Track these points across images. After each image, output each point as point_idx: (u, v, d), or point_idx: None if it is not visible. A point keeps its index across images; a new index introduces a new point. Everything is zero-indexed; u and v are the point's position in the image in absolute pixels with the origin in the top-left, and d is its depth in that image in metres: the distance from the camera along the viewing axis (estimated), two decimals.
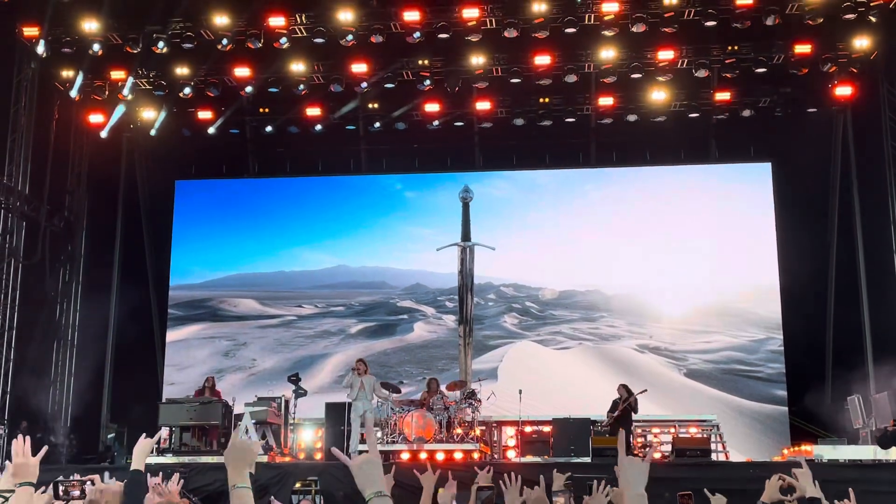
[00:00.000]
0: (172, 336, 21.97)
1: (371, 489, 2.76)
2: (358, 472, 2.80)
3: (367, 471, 2.79)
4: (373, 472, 2.80)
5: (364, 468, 2.80)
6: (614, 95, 19.83)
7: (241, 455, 2.92)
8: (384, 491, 2.77)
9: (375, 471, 2.80)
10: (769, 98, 19.87)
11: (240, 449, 3.10)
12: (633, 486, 2.98)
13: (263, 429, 16.09)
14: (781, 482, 5.55)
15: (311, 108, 20.43)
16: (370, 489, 2.76)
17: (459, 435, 15.98)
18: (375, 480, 2.78)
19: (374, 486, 2.77)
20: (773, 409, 19.82)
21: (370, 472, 2.79)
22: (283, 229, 22.44)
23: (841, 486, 5.39)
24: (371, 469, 2.80)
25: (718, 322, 20.69)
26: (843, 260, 19.72)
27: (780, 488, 5.53)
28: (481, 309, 21.59)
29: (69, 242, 20.49)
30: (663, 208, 21.10)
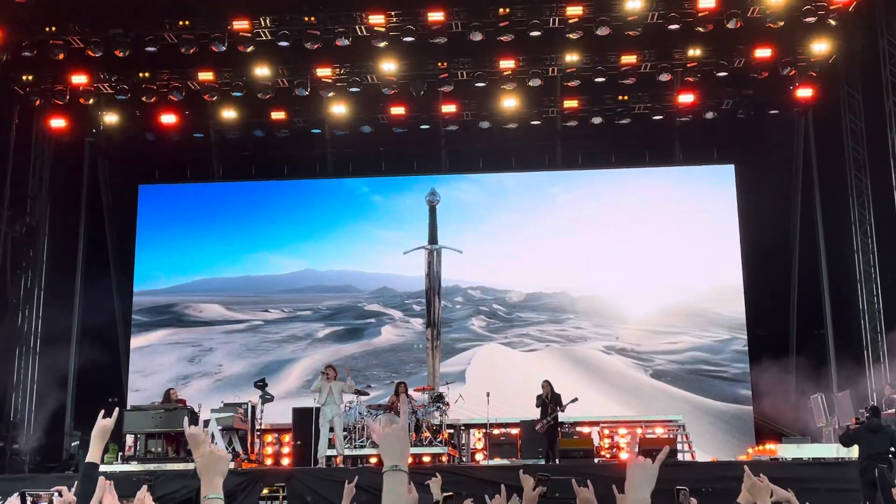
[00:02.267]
0: (137, 342, 21.75)
1: (391, 461, 2.81)
2: (384, 442, 2.84)
3: (393, 442, 2.82)
4: (397, 444, 2.82)
5: (390, 439, 2.83)
6: (579, 98, 19.94)
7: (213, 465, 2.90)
8: (401, 466, 2.79)
9: (399, 444, 2.82)
10: (731, 101, 20.10)
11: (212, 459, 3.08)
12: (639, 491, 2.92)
13: (230, 435, 15.98)
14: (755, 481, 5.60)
15: (275, 112, 20.35)
16: (389, 461, 2.81)
17: (428, 438, 15.99)
18: (397, 453, 2.81)
19: (392, 458, 2.81)
20: (737, 408, 20.02)
21: (395, 444, 2.82)
22: (248, 233, 22.30)
23: (804, 484, 5.45)
24: (394, 441, 2.82)
25: (683, 323, 20.86)
26: (805, 260, 19.98)
27: None
28: (449, 312, 21.60)
29: (31, 248, 20.24)
30: (629, 210, 21.24)
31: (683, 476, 13.21)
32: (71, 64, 18.88)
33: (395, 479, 2.79)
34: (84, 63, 18.92)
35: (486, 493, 5.89)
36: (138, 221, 22.04)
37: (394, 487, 2.79)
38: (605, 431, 18.25)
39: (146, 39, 18.11)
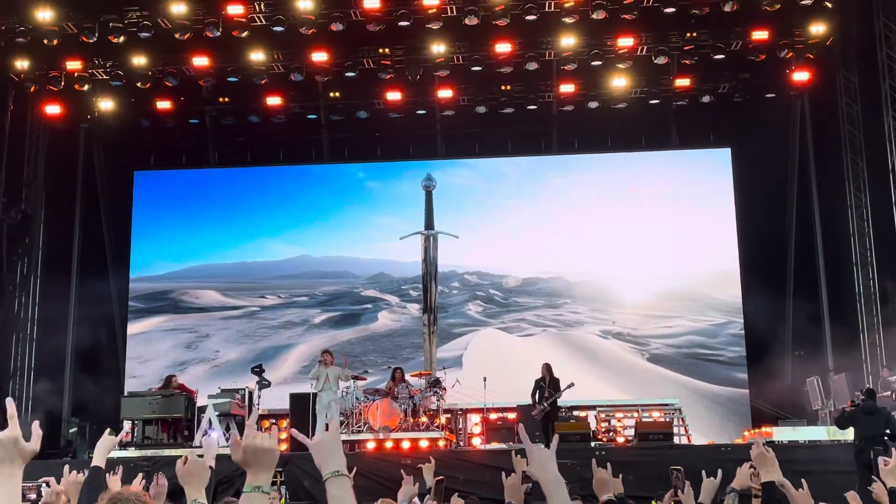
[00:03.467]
0: (134, 329, 21.76)
1: (329, 468, 2.72)
2: (316, 451, 2.74)
3: (325, 449, 2.74)
4: (331, 450, 2.74)
5: (322, 446, 2.74)
6: (575, 82, 19.89)
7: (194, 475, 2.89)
8: (342, 470, 2.72)
9: (334, 449, 2.74)
10: (728, 84, 20.07)
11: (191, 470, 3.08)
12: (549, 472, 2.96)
13: (227, 420, 16.00)
14: (753, 470, 5.64)
15: (271, 98, 20.29)
16: (328, 468, 2.72)
17: (425, 423, 16.02)
18: (334, 459, 2.73)
19: (331, 464, 2.72)
20: (734, 391, 20.08)
21: (328, 450, 2.74)
22: (244, 219, 22.28)
23: (800, 466, 5.48)
24: (329, 447, 2.74)
25: (680, 307, 20.89)
26: (801, 243, 19.99)
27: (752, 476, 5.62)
28: (445, 297, 21.61)
29: (27, 235, 20.20)
30: (625, 195, 21.24)
31: (679, 459, 13.27)
32: (65, 50, 18.79)
33: (339, 485, 2.71)
34: (78, 49, 18.84)
35: (483, 476, 5.92)
36: (134, 208, 22.02)
37: (341, 494, 2.70)
38: (602, 415, 18.28)
39: (140, 25, 18.02)
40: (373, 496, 7.64)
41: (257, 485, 2.72)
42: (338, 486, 2.70)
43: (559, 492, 2.94)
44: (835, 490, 7.79)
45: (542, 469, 2.96)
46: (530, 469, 2.97)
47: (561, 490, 2.94)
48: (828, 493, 6.45)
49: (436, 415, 16.42)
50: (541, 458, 2.99)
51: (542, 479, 2.95)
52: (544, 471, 2.96)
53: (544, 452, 3.00)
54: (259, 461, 2.74)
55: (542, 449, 3.02)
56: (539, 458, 2.98)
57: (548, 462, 2.98)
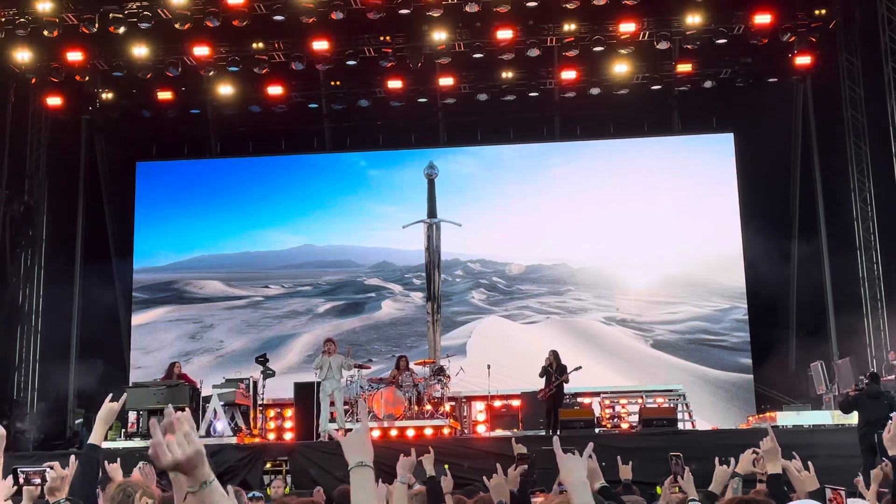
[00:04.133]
0: (138, 320, 21.80)
1: (354, 459, 2.86)
2: (345, 445, 2.89)
3: (353, 442, 2.88)
4: (357, 443, 2.88)
5: (350, 440, 2.89)
6: (577, 69, 19.82)
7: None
8: (367, 461, 2.85)
9: (361, 442, 2.88)
10: (730, 69, 19.98)
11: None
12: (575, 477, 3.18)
13: (232, 410, 16.05)
14: (755, 456, 5.64)
15: (272, 87, 20.25)
16: (353, 459, 2.86)
17: (429, 411, 16.05)
18: (360, 451, 2.86)
19: (357, 456, 2.86)
20: (738, 377, 20.08)
21: (355, 443, 2.88)
22: (247, 209, 22.28)
23: (804, 450, 5.47)
24: (356, 441, 2.88)
25: (684, 293, 20.89)
26: (805, 228, 19.95)
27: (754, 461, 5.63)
28: (449, 285, 21.61)
29: (30, 227, 20.21)
30: (627, 180, 21.19)
31: (684, 445, 13.29)
32: (66, 41, 18.74)
33: (361, 476, 2.85)
34: (79, 40, 18.79)
35: (488, 464, 5.93)
36: (136, 198, 22.03)
37: (361, 484, 2.84)
38: (606, 402, 18.31)
39: (140, 15, 17.98)
40: None
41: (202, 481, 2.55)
42: (361, 475, 2.85)
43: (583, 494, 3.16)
44: (839, 474, 7.80)
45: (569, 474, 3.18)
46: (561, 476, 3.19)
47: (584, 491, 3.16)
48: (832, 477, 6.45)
49: (440, 403, 16.44)
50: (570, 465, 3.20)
51: (569, 482, 3.18)
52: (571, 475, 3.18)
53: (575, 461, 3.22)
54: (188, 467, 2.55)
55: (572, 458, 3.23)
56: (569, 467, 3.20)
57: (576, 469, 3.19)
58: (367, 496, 2.85)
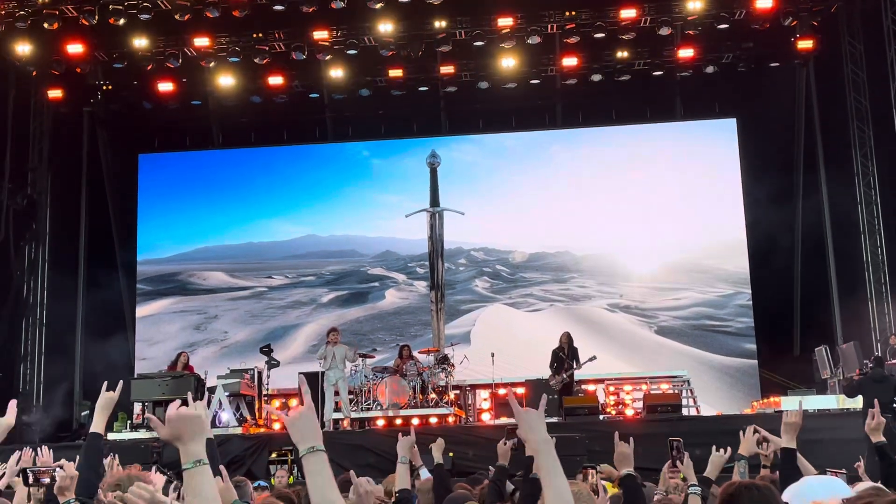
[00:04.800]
0: (142, 311, 21.84)
1: (305, 444, 2.71)
2: (292, 428, 2.73)
3: (300, 425, 2.73)
4: (306, 426, 2.73)
5: (297, 423, 2.73)
6: (578, 56, 19.76)
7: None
8: (318, 445, 2.70)
9: (309, 424, 2.73)
10: (732, 54, 19.90)
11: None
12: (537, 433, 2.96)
13: (237, 401, 16.08)
14: (757, 434, 5.62)
15: (273, 77, 20.21)
16: (304, 444, 2.71)
17: (433, 400, 16.07)
18: (309, 435, 2.72)
19: (307, 440, 2.71)
20: (742, 362, 20.08)
21: (303, 426, 2.73)
22: (250, 200, 22.28)
23: (809, 435, 5.47)
24: (304, 423, 2.73)
25: (687, 279, 20.87)
26: (808, 213, 19.90)
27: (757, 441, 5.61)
28: (452, 274, 21.61)
29: (33, 220, 20.23)
30: (630, 167, 21.15)
31: (688, 431, 13.31)
32: (66, 33, 18.70)
33: (315, 461, 2.70)
34: (79, 32, 18.75)
35: (493, 451, 5.95)
36: (139, 190, 22.04)
37: (319, 470, 2.69)
38: (611, 389, 18.32)
39: (140, 7, 17.93)
40: (383, 473, 7.68)
41: (196, 458, 2.67)
42: (314, 461, 2.69)
43: (548, 451, 2.93)
44: (844, 458, 7.81)
45: (531, 430, 2.96)
46: (520, 432, 2.97)
47: (549, 450, 2.93)
48: (837, 461, 6.45)
49: (444, 391, 16.46)
50: (529, 419, 2.98)
51: (531, 440, 2.95)
52: (532, 432, 2.96)
53: (532, 414, 3.00)
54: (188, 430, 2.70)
55: (530, 411, 3.01)
56: (528, 420, 2.97)
57: (536, 423, 2.98)
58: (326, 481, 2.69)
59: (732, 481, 3.69)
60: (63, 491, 4.62)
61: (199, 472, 2.64)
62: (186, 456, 2.67)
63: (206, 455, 2.68)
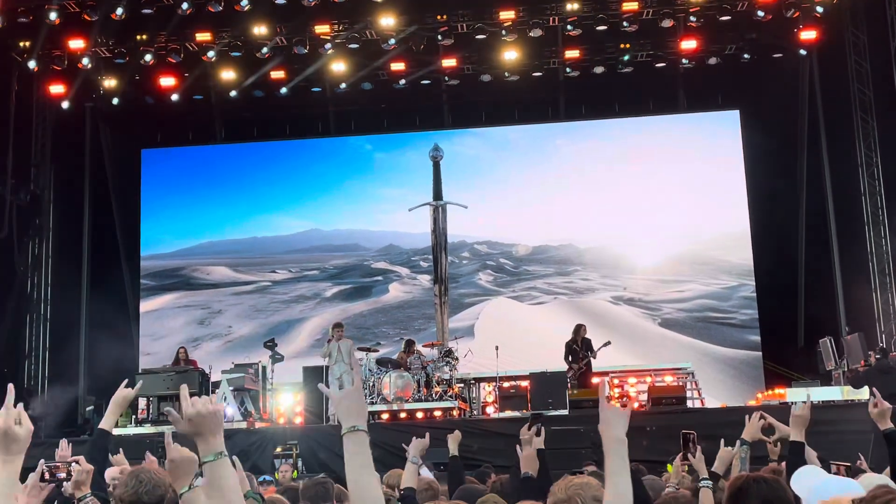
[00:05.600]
0: (146, 306, 21.86)
1: (347, 423, 2.73)
2: (338, 405, 2.76)
3: (347, 404, 2.75)
4: (351, 405, 2.74)
5: (343, 401, 2.75)
6: (581, 48, 19.72)
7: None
8: (360, 426, 2.72)
9: (354, 404, 2.74)
10: (735, 45, 19.83)
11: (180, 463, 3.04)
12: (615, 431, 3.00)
13: (242, 395, 16.10)
14: (763, 421, 5.59)
15: (275, 72, 20.19)
16: (347, 423, 2.73)
17: (438, 393, 16.07)
18: (354, 414, 2.73)
19: (350, 419, 2.72)
20: (746, 354, 20.06)
21: (349, 405, 2.74)
22: (253, 195, 22.27)
23: (814, 427, 5.45)
24: (350, 402, 2.75)
25: (691, 271, 20.84)
26: (812, 204, 19.86)
27: (762, 428, 5.58)
28: (455, 267, 21.60)
29: (37, 216, 20.25)
30: (633, 160, 21.11)
31: (693, 423, 13.30)
32: (67, 29, 18.69)
33: (355, 440, 2.71)
34: (81, 27, 18.74)
35: (497, 445, 5.94)
36: (142, 185, 22.02)
37: (358, 450, 2.70)
38: (615, 381, 18.31)
39: (142, 1, 17.91)
40: (387, 467, 7.67)
41: (218, 451, 2.71)
42: (354, 441, 2.70)
43: (619, 452, 2.97)
44: (849, 449, 7.80)
45: (609, 426, 3.00)
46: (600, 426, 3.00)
47: (621, 450, 2.97)
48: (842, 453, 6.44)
49: (449, 384, 16.46)
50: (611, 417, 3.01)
51: (607, 436, 2.99)
52: (610, 429, 2.99)
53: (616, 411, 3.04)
54: (207, 426, 2.74)
55: (615, 408, 3.05)
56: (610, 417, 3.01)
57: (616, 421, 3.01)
58: (365, 462, 2.70)
59: (740, 474, 3.69)
60: (80, 485, 4.61)
61: (221, 465, 2.69)
62: (207, 449, 2.72)
63: (225, 447, 2.72)
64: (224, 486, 2.66)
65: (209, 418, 2.74)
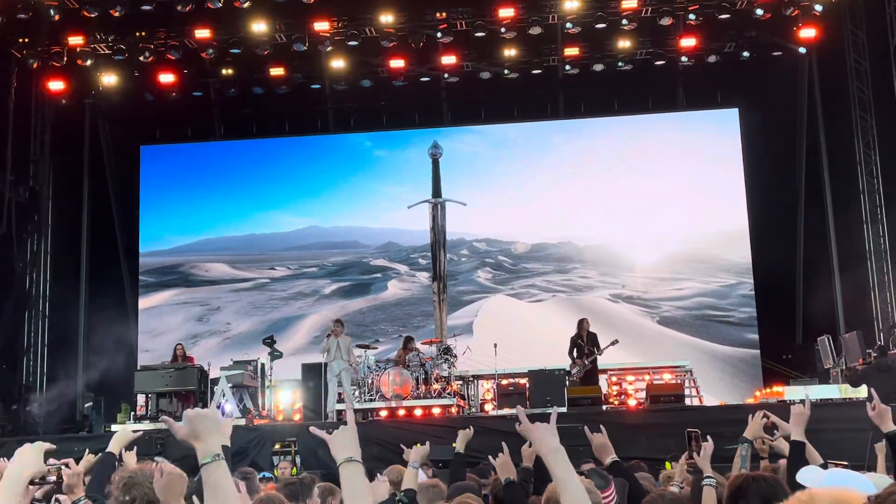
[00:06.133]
0: (145, 303, 21.85)
1: (342, 455, 2.90)
2: (332, 442, 2.95)
3: (341, 440, 2.94)
4: (346, 440, 2.93)
5: (337, 438, 2.95)
6: (580, 46, 19.71)
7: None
8: (355, 457, 2.91)
9: (349, 439, 2.93)
10: (734, 43, 19.83)
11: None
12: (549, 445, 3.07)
13: (240, 392, 16.11)
14: (765, 420, 5.59)
15: (274, 69, 20.17)
16: (341, 455, 2.91)
17: (436, 390, 16.09)
18: (349, 447, 2.92)
19: (344, 452, 2.91)
20: (745, 352, 20.08)
21: (342, 440, 2.94)
22: (252, 192, 22.27)
23: (812, 425, 5.45)
24: (345, 438, 2.94)
25: (689, 269, 20.86)
26: (811, 202, 19.88)
27: (764, 426, 5.58)
28: (454, 265, 21.61)
29: (35, 212, 20.23)
30: (633, 157, 21.13)
31: (692, 421, 13.31)
32: (67, 25, 18.68)
33: (351, 471, 2.90)
34: (80, 24, 18.73)
35: (497, 442, 5.97)
36: (141, 182, 22.02)
37: (352, 479, 2.89)
38: (613, 379, 18.31)
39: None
40: (385, 464, 7.70)
41: (216, 453, 2.74)
42: (351, 470, 2.90)
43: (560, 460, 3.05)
44: (847, 448, 7.82)
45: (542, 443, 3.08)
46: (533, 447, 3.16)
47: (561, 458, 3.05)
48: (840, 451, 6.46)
49: (447, 382, 16.47)
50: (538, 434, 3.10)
51: (543, 452, 3.08)
52: (543, 444, 3.08)
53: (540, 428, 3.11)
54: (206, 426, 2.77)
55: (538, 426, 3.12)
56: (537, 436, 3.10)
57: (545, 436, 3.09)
58: (360, 489, 2.88)
59: (740, 473, 3.69)
60: (72, 489, 4.59)
61: (217, 468, 2.70)
62: (204, 452, 2.73)
63: (222, 450, 2.74)
64: (220, 489, 2.67)
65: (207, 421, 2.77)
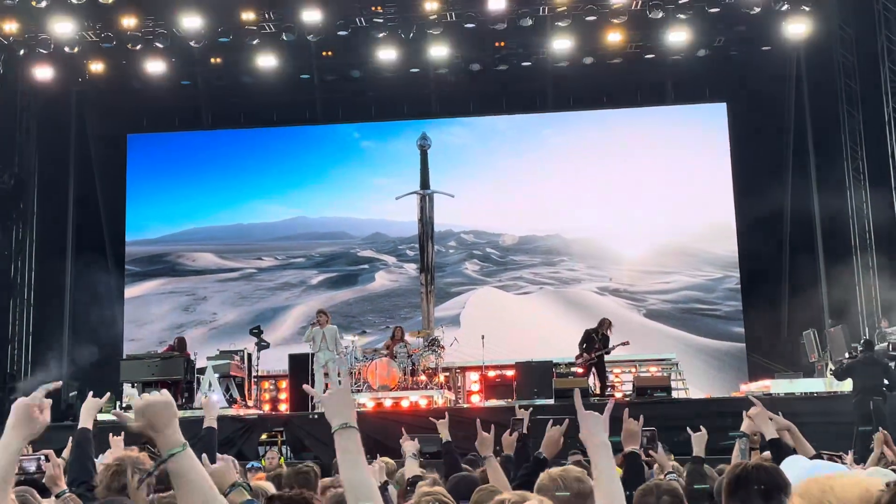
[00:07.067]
0: (131, 292, 21.77)
1: (338, 421, 2.76)
2: (327, 405, 2.79)
3: (335, 403, 2.79)
4: (340, 404, 2.79)
5: (332, 400, 2.80)
6: (570, 39, 19.69)
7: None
8: (351, 423, 2.76)
9: (342, 403, 2.80)
10: (723, 38, 19.87)
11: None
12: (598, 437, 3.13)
13: (227, 382, 16.08)
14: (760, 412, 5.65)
15: (263, 58, 20.08)
16: (337, 421, 2.77)
17: (423, 382, 16.10)
18: (343, 412, 2.78)
19: (339, 417, 2.77)
20: (731, 345, 20.17)
21: (338, 403, 2.79)
22: (239, 181, 22.20)
23: (797, 418, 5.49)
24: (339, 401, 2.80)
25: (676, 262, 20.92)
26: (797, 196, 19.94)
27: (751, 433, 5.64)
28: (442, 256, 21.61)
29: (21, 200, 20.13)
30: (621, 151, 21.15)
31: (678, 413, 13.37)
32: (54, 12, 18.53)
33: (346, 437, 2.74)
34: (67, 11, 18.57)
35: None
36: (128, 171, 21.91)
37: (348, 447, 2.73)
38: None
39: None
40: (372, 455, 7.69)
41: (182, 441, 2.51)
42: (346, 437, 2.75)
43: (605, 455, 3.11)
44: (832, 441, 7.86)
45: (591, 434, 3.13)
46: (581, 434, 3.13)
47: (606, 453, 3.11)
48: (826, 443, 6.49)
49: (434, 373, 16.49)
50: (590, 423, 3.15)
51: (591, 443, 3.13)
52: (593, 435, 3.13)
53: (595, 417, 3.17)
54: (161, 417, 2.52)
55: (593, 415, 3.18)
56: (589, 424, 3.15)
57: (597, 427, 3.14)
58: (356, 458, 2.72)
59: (739, 462, 3.70)
60: (55, 480, 4.56)
61: (183, 457, 2.46)
62: (166, 444, 2.49)
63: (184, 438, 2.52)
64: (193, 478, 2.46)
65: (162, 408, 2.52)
